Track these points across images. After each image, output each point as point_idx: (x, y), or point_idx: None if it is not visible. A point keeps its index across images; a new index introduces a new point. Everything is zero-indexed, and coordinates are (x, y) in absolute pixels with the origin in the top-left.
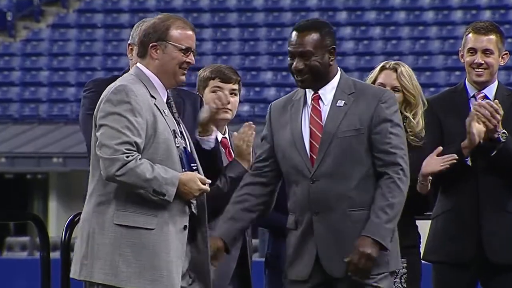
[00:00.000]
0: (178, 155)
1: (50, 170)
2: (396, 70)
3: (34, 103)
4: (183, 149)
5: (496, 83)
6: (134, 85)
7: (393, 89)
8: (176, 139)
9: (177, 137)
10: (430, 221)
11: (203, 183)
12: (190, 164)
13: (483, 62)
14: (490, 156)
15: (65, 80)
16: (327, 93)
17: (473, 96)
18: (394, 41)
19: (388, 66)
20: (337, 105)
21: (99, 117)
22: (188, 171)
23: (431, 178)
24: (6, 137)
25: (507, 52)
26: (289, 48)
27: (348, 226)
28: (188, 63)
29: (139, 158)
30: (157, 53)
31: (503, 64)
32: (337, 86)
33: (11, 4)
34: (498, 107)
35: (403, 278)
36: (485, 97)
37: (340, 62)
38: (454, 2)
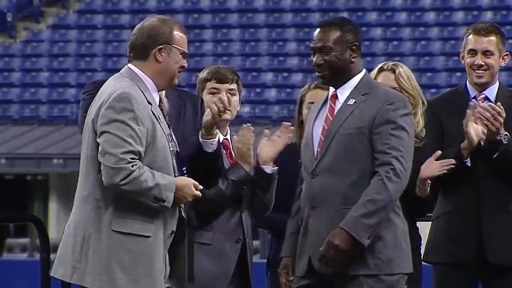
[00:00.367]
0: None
1: (50, 171)
2: (394, 71)
3: (34, 104)
4: (175, 153)
5: (497, 84)
6: (134, 92)
7: None
8: (170, 143)
9: (170, 141)
10: (430, 222)
11: (196, 188)
12: (181, 168)
13: (483, 63)
14: (492, 158)
15: (65, 81)
16: (344, 92)
17: (474, 98)
18: (395, 42)
19: (386, 67)
20: (347, 103)
21: (100, 123)
22: (181, 176)
23: (429, 182)
24: (6, 138)
25: (508, 53)
26: (311, 44)
27: (339, 223)
28: (183, 66)
29: (141, 166)
30: (162, 56)
31: (504, 65)
32: (356, 85)
33: (11, 5)
34: (500, 110)
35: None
36: (486, 98)
37: None
38: (455, 3)
